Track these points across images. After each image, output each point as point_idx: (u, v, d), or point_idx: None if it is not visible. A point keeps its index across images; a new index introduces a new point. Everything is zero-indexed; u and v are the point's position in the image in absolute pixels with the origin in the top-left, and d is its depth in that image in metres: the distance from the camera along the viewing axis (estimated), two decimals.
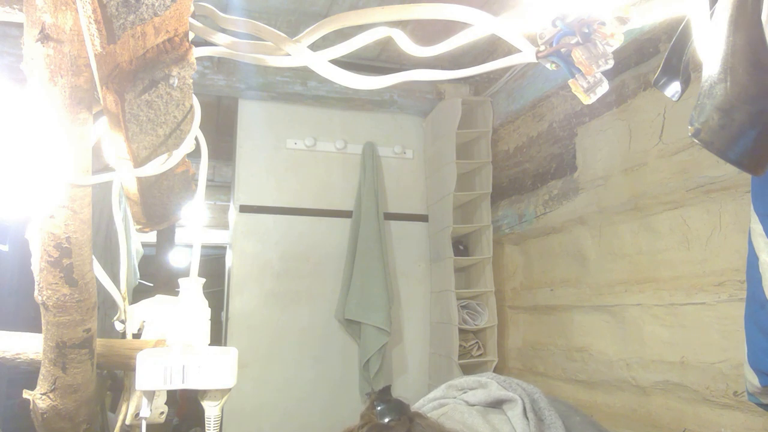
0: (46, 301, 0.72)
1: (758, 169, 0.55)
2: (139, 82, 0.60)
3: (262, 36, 0.62)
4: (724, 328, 1.41)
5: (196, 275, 0.82)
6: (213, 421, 0.80)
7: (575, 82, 0.60)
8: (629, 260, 1.75)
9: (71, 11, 0.56)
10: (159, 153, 0.73)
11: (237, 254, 2.46)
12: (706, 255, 1.47)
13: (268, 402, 2.35)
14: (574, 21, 0.58)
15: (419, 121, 2.78)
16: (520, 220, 2.35)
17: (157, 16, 0.53)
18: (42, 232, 0.67)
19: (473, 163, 2.50)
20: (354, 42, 0.66)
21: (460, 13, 0.59)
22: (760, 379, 0.99)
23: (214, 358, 0.78)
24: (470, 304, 2.40)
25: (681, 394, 1.53)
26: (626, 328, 1.74)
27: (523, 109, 2.32)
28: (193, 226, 0.85)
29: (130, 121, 0.64)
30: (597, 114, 1.90)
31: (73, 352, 0.78)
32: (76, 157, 0.65)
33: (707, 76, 0.54)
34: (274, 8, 2.02)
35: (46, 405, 0.83)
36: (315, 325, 2.46)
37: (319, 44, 0.62)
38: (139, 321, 1.05)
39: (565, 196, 2.04)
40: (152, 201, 0.89)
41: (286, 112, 2.60)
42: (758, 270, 0.97)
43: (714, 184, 1.43)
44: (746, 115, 0.52)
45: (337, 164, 2.64)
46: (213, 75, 2.35)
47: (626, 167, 1.74)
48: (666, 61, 0.72)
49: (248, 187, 2.52)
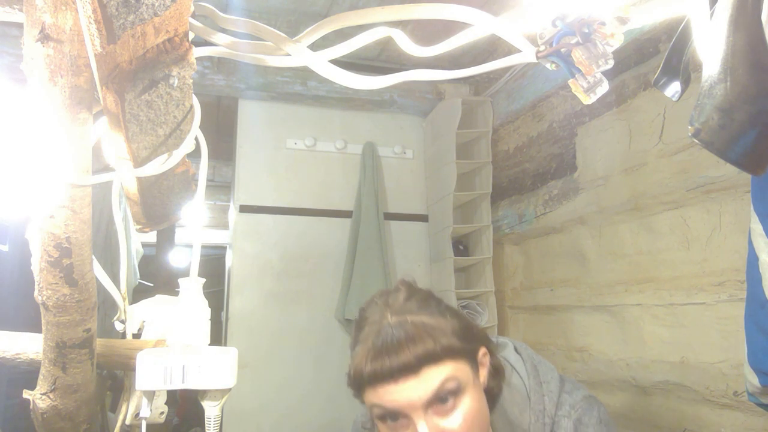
0: (46, 301, 0.72)
1: (758, 169, 0.55)
2: (139, 82, 0.60)
3: (262, 36, 0.62)
4: (724, 328, 1.41)
5: (196, 275, 0.82)
6: (213, 421, 0.80)
7: (575, 82, 0.60)
8: (629, 260, 1.75)
9: (71, 11, 0.56)
10: (159, 153, 0.73)
11: (237, 254, 2.46)
12: (706, 255, 1.47)
13: (267, 402, 2.35)
14: (574, 21, 0.58)
15: (419, 121, 2.78)
16: (520, 220, 2.35)
17: (157, 16, 0.53)
18: (42, 232, 0.67)
19: (473, 163, 2.50)
20: (354, 42, 0.66)
21: (460, 13, 0.59)
22: (760, 379, 0.99)
23: (214, 358, 0.78)
24: (470, 304, 2.40)
25: (681, 394, 1.53)
26: (626, 328, 1.74)
27: (523, 109, 2.32)
28: (193, 226, 0.85)
29: (130, 121, 0.64)
30: (597, 114, 1.90)
31: (73, 352, 0.78)
32: (76, 157, 0.65)
33: (707, 76, 0.54)
34: (274, 8, 2.02)
35: (46, 405, 0.83)
36: (315, 325, 2.46)
37: (319, 44, 0.62)
38: (139, 321, 1.05)
39: (565, 196, 2.04)
40: (152, 201, 0.89)
41: (286, 112, 2.60)
42: (758, 270, 0.97)
43: (714, 184, 1.43)
44: (746, 115, 0.52)
45: (337, 164, 2.64)
46: (213, 75, 2.35)
47: (626, 167, 1.74)
48: (666, 61, 0.72)
49: (248, 187, 2.51)
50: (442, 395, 0.76)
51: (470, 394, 0.78)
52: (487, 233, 2.44)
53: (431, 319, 0.79)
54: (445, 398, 0.76)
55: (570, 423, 0.87)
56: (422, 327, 0.77)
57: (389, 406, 0.76)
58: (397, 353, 0.75)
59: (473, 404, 0.78)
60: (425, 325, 0.78)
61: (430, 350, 0.75)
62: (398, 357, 0.75)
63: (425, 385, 0.75)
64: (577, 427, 0.87)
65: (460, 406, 0.77)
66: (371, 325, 0.81)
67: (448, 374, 0.76)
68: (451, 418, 0.76)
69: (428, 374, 0.75)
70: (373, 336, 0.78)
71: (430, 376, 0.75)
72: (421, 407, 0.75)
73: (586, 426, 0.87)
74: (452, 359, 0.78)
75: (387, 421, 0.78)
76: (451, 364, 0.77)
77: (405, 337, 0.76)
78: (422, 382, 0.75)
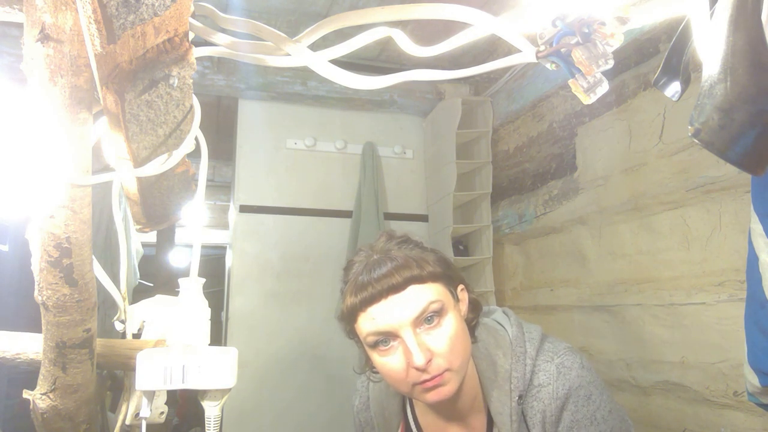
0: (46, 301, 0.72)
1: (758, 169, 0.55)
2: (139, 82, 0.60)
3: (262, 36, 0.62)
4: (724, 328, 1.41)
5: (196, 275, 0.82)
6: (213, 421, 0.80)
7: (575, 82, 0.60)
8: (629, 260, 1.75)
9: (71, 11, 0.56)
10: (159, 153, 0.73)
11: (237, 254, 2.46)
12: (706, 255, 1.47)
13: (267, 401, 2.35)
14: (574, 21, 0.58)
15: (419, 121, 2.78)
16: (520, 220, 2.35)
17: (157, 16, 0.53)
18: (42, 232, 0.67)
19: (473, 163, 2.50)
20: (354, 42, 0.66)
21: (460, 13, 0.59)
22: (760, 379, 0.99)
23: (214, 358, 0.78)
24: None
25: (681, 394, 1.53)
26: (626, 328, 1.74)
27: (523, 109, 2.32)
28: (193, 226, 0.85)
29: (130, 121, 0.64)
30: (597, 114, 1.90)
31: (73, 352, 0.78)
32: (76, 157, 0.64)
33: (707, 76, 0.54)
34: (274, 8, 2.02)
35: (46, 405, 0.83)
36: (315, 325, 2.46)
37: (319, 44, 0.62)
38: (139, 321, 1.05)
39: (565, 196, 2.04)
40: (152, 201, 0.89)
41: (286, 112, 2.60)
42: (758, 270, 0.97)
43: (714, 184, 1.43)
44: (746, 115, 0.52)
45: (337, 164, 2.64)
46: (213, 75, 2.35)
47: (626, 167, 1.74)
48: (666, 61, 0.72)
49: (248, 187, 2.51)
50: (427, 315, 0.83)
51: (453, 317, 0.85)
52: (487, 233, 2.44)
53: (413, 252, 0.87)
54: (430, 318, 0.83)
55: (552, 366, 0.89)
56: (407, 256, 0.85)
57: (381, 325, 0.82)
58: (385, 276, 0.83)
59: (456, 326, 0.85)
60: (408, 255, 0.86)
61: (416, 273, 0.83)
62: (387, 279, 0.82)
63: (412, 304, 0.82)
64: (559, 370, 0.89)
65: (443, 325, 0.84)
66: (358, 264, 0.88)
67: (433, 294, 0.84)
68: (437, 335, 0.83)
69: (414, 293, 0.83)
70: (361, 270, 0.86)
71: (416, 295, 0.83)
72: (410, 324, 0.82)
73: (568, 369, 0.89)
74: (435, 282, 0.85)
75: (379, 346, 0.85)
76: (434, 286, 0.85)
77: (390, 263, 0.84)
78: (409, 300, 0.82)
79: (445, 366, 0.82)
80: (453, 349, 0.83)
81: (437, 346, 0.82)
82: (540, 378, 0.89)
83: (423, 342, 0.82)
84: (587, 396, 0.87)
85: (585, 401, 0.87)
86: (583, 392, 0.87)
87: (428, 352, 0.81)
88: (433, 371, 0.81)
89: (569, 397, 0.87)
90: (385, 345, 0.84)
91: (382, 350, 0.85)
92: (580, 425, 0.86)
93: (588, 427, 0.86)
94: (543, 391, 0.88)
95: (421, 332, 0.82)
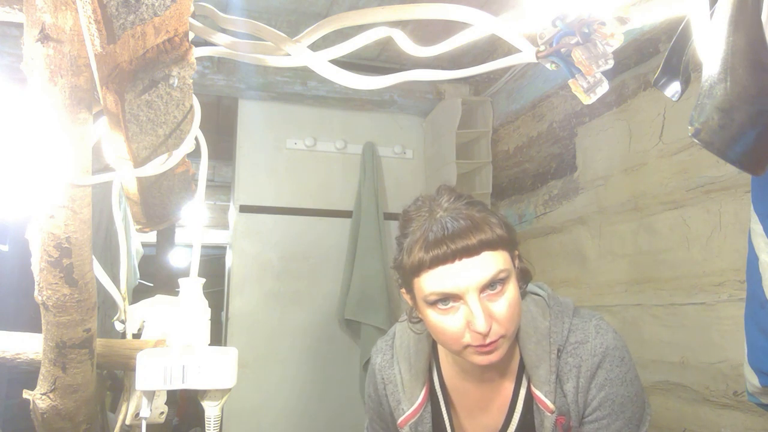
0: (46, 301, 0.72)
1: (758, 169, 0.55)
2: (139, 82, 0.60)
3: (262, 36, 0.62)
4: (724, 328, 1.41)
5: (196, 275, 0.82)
6: (213, 421, 0.80)
7: (575, 82, 0.60)
8: (629, 260, 1.75)
9: (71, 11, 0.56)
10: (159, 153, 0.73)
11: (237, 254, 2.46)
12: (706, 255, 1.47)
13: (267, 402, 2.35)
14: (574, 21, 0.58)
15: (419, 121, 2.78)
16: (520, 220, 2.35)
17: (157, 16, 0.53)
18: (42, 232, 0.67)
19: (473, 163, 2.50)
20: (354, 42, 0.66)
21: (460, 13, 0.59)
22: (760, 379, 0.99)
23: (214, 358, 0.78)
24: None
25: (681, 394, 1.53)
26: (626, 328, 1.74)
27: (523, 109, 2.32)
28: (193, 226, 0.85)
29: (130, 121, 0.64)
30: (597, 114, 1.90)
31: (73, 352, 0.78)
32: (76, 157, 0.64)
33: (707, 76, 0.54)
34: (274, 8, 2.02)
35: (46, 405, 0.83)
36: (315, 325, 2.46)
37: (319, 44, 0.62)
38: (139, 321, 1.05)
39: (565, 196, 2.04)
40: (152, 201, 0.89)
41: (286, 112, 2.60)
42: (758, 270, 0.97)
43: (714, 184, 1.43)
44: (746, 115, 0.52)
45: (337, 164, 2.64)
46: (213, 75, 2.35)
47: (626, 167, 1.74)
48: (666, 61, 0.72)
49: (248, 187, 2.52)
50: (496, 281, 0.83)
51: (513, 285, 0.86)
52: None
53: (481, 214, 0.86)
54: (494, 285, 0.83)
55: (591, 325, 0.93)
56: (478, 217, 0.84)
57: (448, 286, 0.82)
58: (460, 237, 0.81)
59: (515, 294, 0.85)
60: (479, 216, 0.85)
61: (489, 237, 0.83)
62: (462, 240, 0.81)
63: (483, 269, 0.82)
64: (597, 330, 0.92)
65: (506, 293, 0.84)
66: (423, 219, 0.87)
67: (502, 262, 0.84)
68: (499, 303, 0.83)
69: (487, 258, 0.82)
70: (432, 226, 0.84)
71: (488, 261, 0.82)
72: (477, 289, 0.82)
73: (605, 330, 0.92)
74: (503, 249, 0.85)
75: (438, 305, 0.84)
76: (503, 254, 0.85)
77: (465, 224, 0.83)
78: (481, 265, 0.82)
79: (501, 332, 0.83)
80: (511, 318, 0.84)
81: (499, 313, 0.83)
82: (577, 336, 0.92)
83: (487, 307, 0.82)
84: (621, 357, 0.91)
85: (619, 362, 0.90)
86: (618, 353, 0.91)
87: (490, 319, 0.82)
88: (492, 337, 0.82)
89: (606, 355, 0.90)
90: (445, 305, 0.84)
91: (441, 309, 0.85)
92: (613, 384, 0.90)
93: (618, 387, 0.90)
94: (581, 348, 0.91)
95: (484, 297, 0.83)
